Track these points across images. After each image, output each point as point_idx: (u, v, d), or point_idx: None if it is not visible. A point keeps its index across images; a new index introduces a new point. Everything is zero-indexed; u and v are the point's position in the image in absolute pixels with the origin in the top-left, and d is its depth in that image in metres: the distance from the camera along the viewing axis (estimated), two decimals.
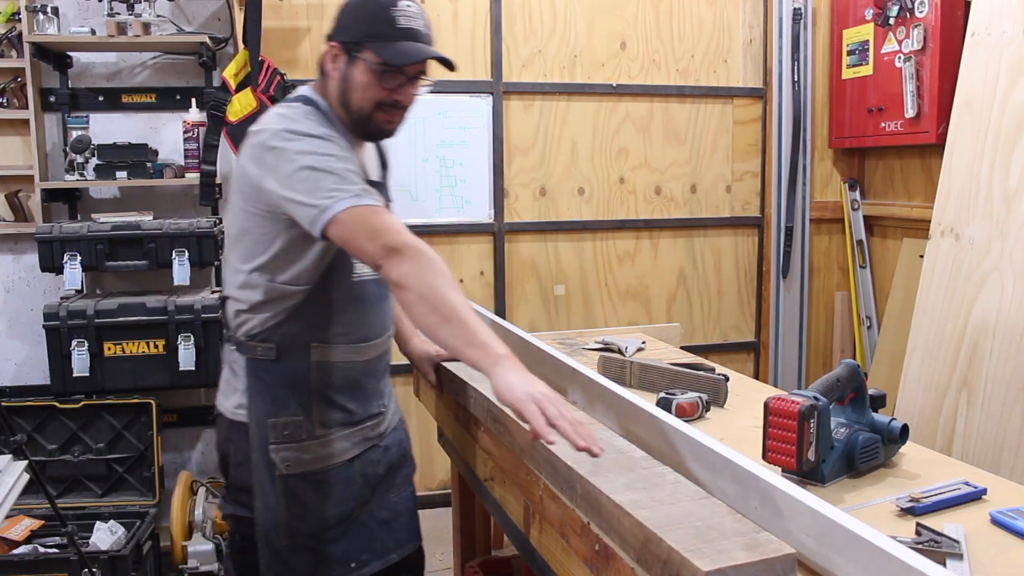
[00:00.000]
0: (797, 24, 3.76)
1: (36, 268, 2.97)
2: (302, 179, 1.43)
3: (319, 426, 1.61)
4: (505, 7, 3.50)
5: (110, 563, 2.53)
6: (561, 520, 1.34)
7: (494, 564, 2.44)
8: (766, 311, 3.93)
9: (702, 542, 0.99)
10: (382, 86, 1.55)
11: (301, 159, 1.44)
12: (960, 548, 1.14)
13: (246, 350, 1.62)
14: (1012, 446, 2.49)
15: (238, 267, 1.60)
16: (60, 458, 2.96)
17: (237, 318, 1.63)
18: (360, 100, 1.56)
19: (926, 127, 3.31)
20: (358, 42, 1.54)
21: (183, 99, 3.15)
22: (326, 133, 1.51)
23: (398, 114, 1.61)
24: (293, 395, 1.59)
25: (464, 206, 3.56)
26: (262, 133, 1.51)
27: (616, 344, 2.39)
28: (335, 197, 1.40)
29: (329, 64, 1.60)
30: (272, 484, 1.59)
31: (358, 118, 1.59)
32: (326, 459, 1.62)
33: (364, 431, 1.69)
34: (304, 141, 1.47)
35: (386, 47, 1.52)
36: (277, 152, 1.46)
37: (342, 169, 1.44)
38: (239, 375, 1.64)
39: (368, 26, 1.53)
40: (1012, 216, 2.63)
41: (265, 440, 1.59)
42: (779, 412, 1.35)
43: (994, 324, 2.62)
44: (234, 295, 1.62)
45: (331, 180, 1.42)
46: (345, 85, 1.57)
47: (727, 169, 3.86)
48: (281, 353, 1.59)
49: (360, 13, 1.55)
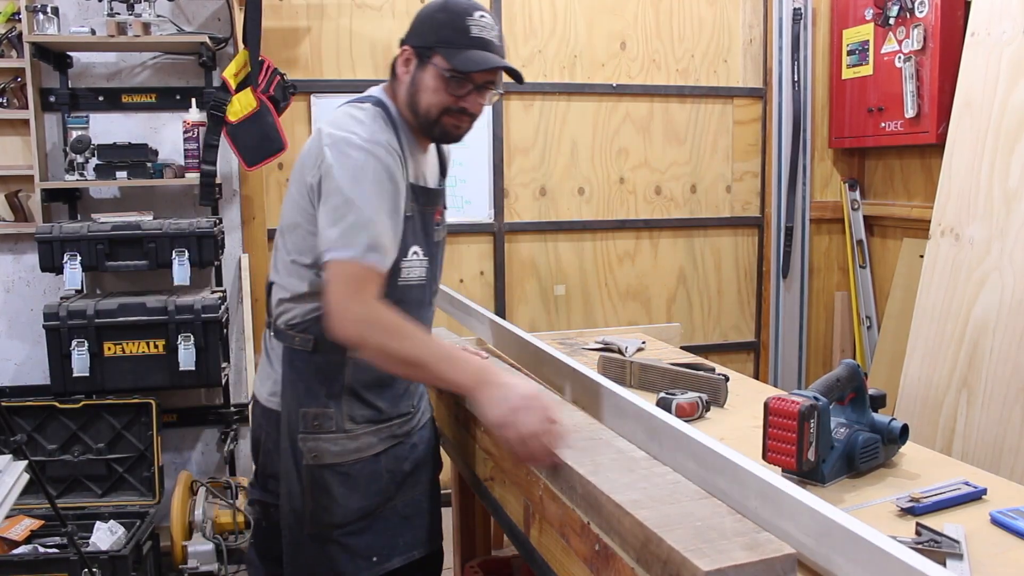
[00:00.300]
0: (797, 24, 3.76)
1: (36, 268, 2.97)
2: (333, 206, 1.48)
3: (348, 420, 1.64)
4: (505, 7, 3.50)
5: (110, 563, 2.53)
6: (561, 520, 1.34)
7: (494, 564, 2.44)
8: (766, 311, 3.93)
9: (702, 542, 0.99)
10: (450, 92, 1.58)
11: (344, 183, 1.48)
12: (960, 548, 1.14)
13: (284, 338, 1.65)
14: (1012, 446, 2.49)
15: (287, 256, 1.63)
16: (60, 458, 2.96)
17: (280, 306, 1.66)
18: (427, 104, 1.59)
19: (926, 127, 3.32)
20: (430, 47, 1.57)
21: (183, 99, 3.15)
22: (385, 152, 1.52)
23: (466, 120, 1.64)
24: (325, 387, 1.63)
25: (464, 206, 3.56)
26: (330, 136, 1.53)
27: (616, 344, 2.39)
28: (345, 242, 1.46)
29: (401, 67, 1.63)
30: (298, 473, 1.62)
31: (425, 121, 1.62)
32: (352, 453, 1.65)
33: (392, 428, 1.71)
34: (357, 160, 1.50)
35: (456, 54, 1.55)
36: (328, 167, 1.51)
37: (370, 216, 1.47)
38: (274, 363, 1.67)
39: (441, 33, 1.56)
40: (1012, 216, 2.63)
41: (295, 429, 1.62)
42: (779, 412, 1.35)
43: (994, 324, 2.62)
44: (280, 282, 1.66)
45: (352, 219, 1.46)
46: (414, 88, 1.60)
47: (727, 169, 3.86)
48: (318, 345, 1.62)
49: (435, 20, 1.58)
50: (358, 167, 1.49)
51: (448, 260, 3.51)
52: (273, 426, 1.67)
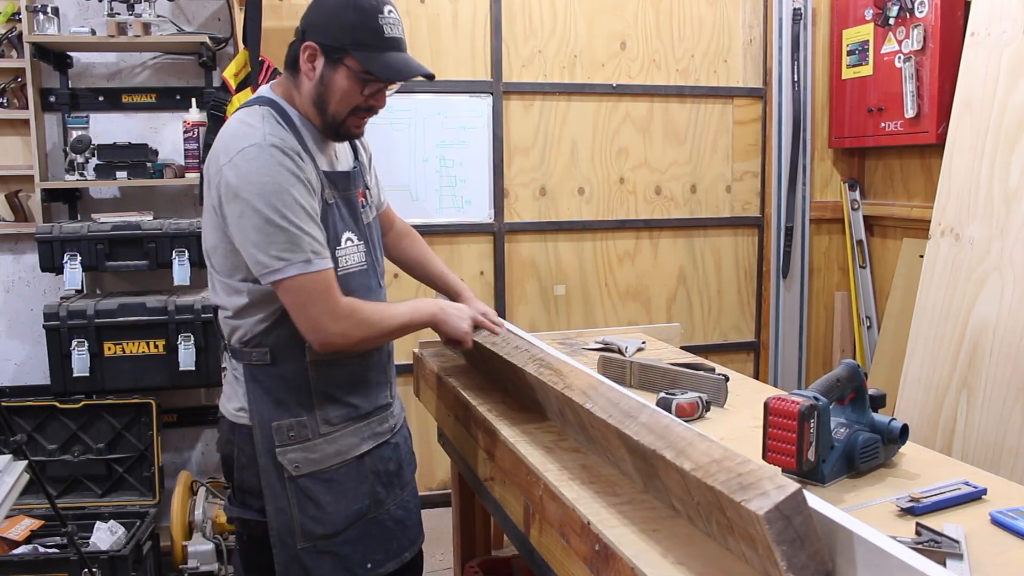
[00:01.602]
0: (797, 24, 3.76)
1: (36, 268, 2.98)
2: (255, 228, 1.47)
3: (324, 424, 1.62)
4: (505, 7, 3.50)
5: (110, 563, 2.53)
6: (561, 520, 1.34)
7: (494, 564, 2.44)
8: (766, 311, 3.93)
9: None
10: (362, 93, 1.57)
11: (257, 204, 1.46)
12: (960, 548, 1.14)
13: (242, 356, 1.62)
14: (1012, 446, 2.49)
15: (217, 276, 1.61)
16: (60, 458, 2.96)
17: (228, 326, 1.63)
18: (338, 105, 1.57)
19: (926, 127, 3.32)
20: (343, 48, 1.53)
21: (183, 99, 3.15)
22: (282, 153, 1.49)
23: (369, 117, 1.64)
24: (294, 396, 1.60)
25: (464, 206, 3.56)
26: (226, 153, 1.50)
27: (616, 344, 2.39)
28: (287, 260, 1.47)
29: (305, 64, 1.57)
30: (283, 487, 1.59)
31: (332, 122, 1.59)
32: (335, 456, 1.62)
33: (372, 425, 1.69)
34: (259, 173, 1.46)
35: (375, 58, 1.53)
36: (235, 191, 1.47)
37: (294, 225, 1.47)
38: (239, 380, 1.64)
39: (355, 35, 1.52)
40: (1012, 216, 2.63)
41: (271, 444, 1.59)
42: (779, 412, 1.35)
43: (994, 324, 2.62)
44: (221, 303, 1.62)
45: (282, 239, 1.46)
46: (323, 88, 1.56)
47: (727, 169, 3.86)
48: (276, 356, 1.60)
49: (346, 20, 1.52)
50: (263, 181, 1.46)
51: (448, 260, 3.54)
52: (245, 441, 1.63)
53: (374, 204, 1.80)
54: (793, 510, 0.93)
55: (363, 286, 1.66)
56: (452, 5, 3.45)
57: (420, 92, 3.42)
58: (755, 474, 0.98)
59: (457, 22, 3.47)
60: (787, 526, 0.93)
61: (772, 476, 0.96)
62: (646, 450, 1.17)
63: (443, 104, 3.46)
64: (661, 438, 1.16)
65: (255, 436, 1.60)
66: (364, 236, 1.69)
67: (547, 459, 1.50)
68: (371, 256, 1.71)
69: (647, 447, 1.16)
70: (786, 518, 0.93)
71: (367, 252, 1.69)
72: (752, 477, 0.98)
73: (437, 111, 3.46)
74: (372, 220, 1.75)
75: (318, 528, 1.61)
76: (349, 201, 1.66)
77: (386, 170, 3.43)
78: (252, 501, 1.64)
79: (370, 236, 1.72)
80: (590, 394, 1.40)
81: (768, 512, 0.91)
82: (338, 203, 1.62)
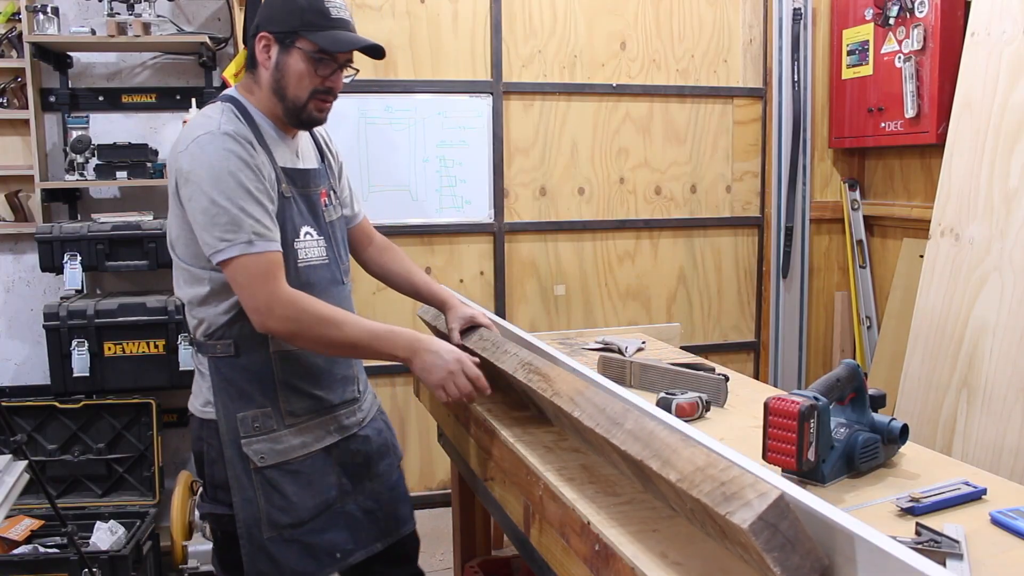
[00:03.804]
0: (797, 24, 3.76)
1: (36, 268, 2.98)
2: (202, 210, 1.53)
3: (288, 415, 1.65)
4: (505, 7, 3.50)
5: (110, 563, 2.53)
6: (561, 520, 1.34)
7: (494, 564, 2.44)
8: (766, 311, 3.93)
9: None
10: (318, 73, 1.63)
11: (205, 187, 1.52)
12: (960, 548, 1.14)
13: (206, 349, 1.65)
14: (1012, 446, 2.49)
15: (181, 264, 1.65)
16: (60, 458, 2.96)
17: (193, 318, 1.67)
18: (296, 88, 1.63)
19: (926, 127, 3.31)
20: (293, 31, 1.60)
21: (183, 99, 3.15)
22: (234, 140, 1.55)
23: (330, 101, 1.68)
24: (258, 388, 1.64)
25: (464, 206, 3.56)
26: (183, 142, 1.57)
27: (616, 344, 2.40)
28: (229, 241, 1.52)
29: (261, 54, 1.64)
30: (249, 478, 1.62)
31: (293, 107, 1.64)
32: (300, 448, 1.66)
33: (339, 419, 1.73)
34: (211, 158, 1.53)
35: (322, 36, 1.60)
36: (187, 175, 1.55)
37: (237, 207, 1.52)
38: (204, 375, 1.67)
39: (304, 16, 1.60)
40: (1012, 216, 2.63)
41: (236, 435, 1.62)
42: (779, 412, 1.35)
43: (994, 324, 2.62)
44: (184, 295, 1.66)
45: (224, 220, 1.52)
46: (280, 74, 1.63)
47: (727, 169, 3.86)
48: (239, 348, 1.63)
49: (294, 4, 1.60)
50: (212, 164, 1.53)
51: (448, 260, 3.54)
52: (212, 436, 1.66)
53: (339, 205, 1.84)
54: (778, 516, 0.92)
55: (325, 279, 1.70)
56: (452, 5, 3.45)
57: (420, 92, 3.42)
58: (737, 482, 0.97)
59: (457, 22, 3.47)
60: (774, 533, 0.92)
61: (754, 483, 0.95)
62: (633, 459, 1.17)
63: (443, 104, 3.46)
64: (647, 446, 1.15)
65: (221, 428, 1.63)
66: (325, 232, 1.73)
67: (547, 459, 1.50)
68: (332, 251, 1.75)
69: (634, 457, 1.16)
70: (772, 526, 0.92)
71: (328, 248, 1.73)
72: (735, 486, 0.97)
73: (437, 111, 3.46)
74: (336, 219, 1.80)
75: (284, 517, 1.63)
76: (308, 198, 1.71)
77: (386, 170, 3.45)
78: (223, 496, 1.67)
79: (332, 233, 1.76)
80: (577, 400, 1.39)
81: (752, 524, 0.91)
82: (296, 198, 1.67)
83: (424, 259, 3.50)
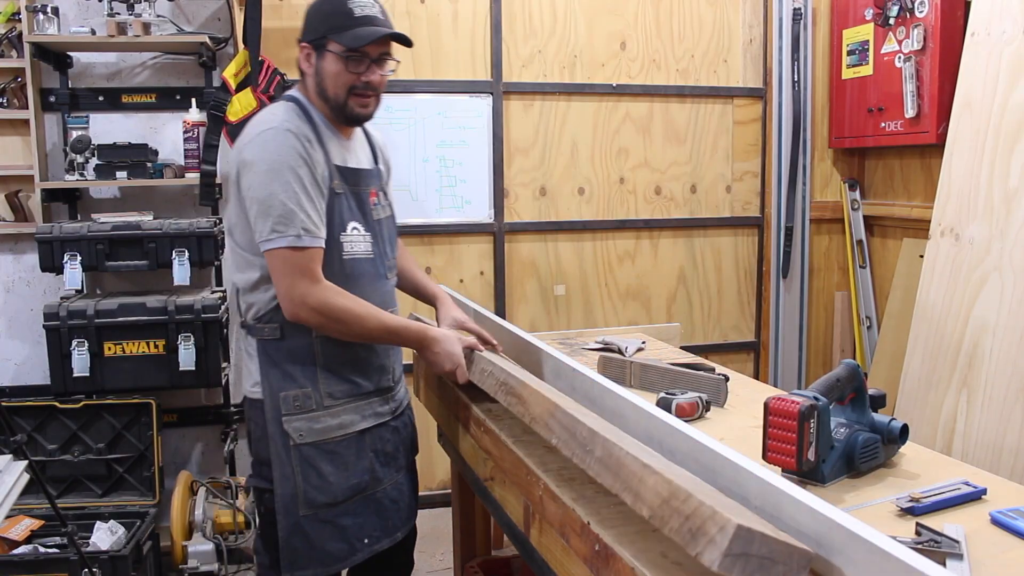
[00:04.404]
0: (797, 24, 3.76)
1: (36, 268, 2.97)
2: (259, 200, 1.65)
3: (327, 397, 1.75)
4: (505, 7, 3.50)
5: (110, 563, 2.53)
6: (561, 520, 1.34)
7: (494, 564, 2.44)
8: (766, 311, 3.93)
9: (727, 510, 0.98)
10: (350, 71, 1.72)
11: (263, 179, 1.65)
12: (960, 548, 1.14)
13: (255, 332, 1.76)
14: (1012, 446, 2.49)
15: (237, 249, 1.76)
16: (60, 458, 2.96)
17: (244, 302, 1.78)
18: (334, 88, 1.73)
19: (926, 127, 3.31)
20: (323, 36, 1.72)
21: (183, 99, 3.15)
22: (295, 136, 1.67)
23: (372, 97, 1.77)
24: (300, 369, 1.74)
25: (464, 206, 3.56)
26: (248, 135, 1.71)
27: (616, 344, 2.40)
28: (279, 232, 1.64)
29: (304, 64, 1.77)
30: (288, 455, 1.72)
31: (335, 106, 1.75)
32: (336, 429, 1.76)
33: (373, 405, 1.82)
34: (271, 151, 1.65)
35: (346, 34, 1.69)
36: (249, 165, 1.67)
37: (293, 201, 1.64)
38: (252, 357, 1.78)
39: (330, 21, 1.71)
40: (1012, 216, 2.63)
41: (279, 413, 1.72)
42: (779, 412, 1.35)
43: (994, 324, 2.62)
44: (238, 280, 1.78)
45: (278, 211, 1.63)
46: (319, 78, 1.75)
47: (727, 169, 3.86)
48: (285, 331, 1.74)
49: (322, 12, 1.74)
50: (273, 157, 1.65)
51: (448, 260, 3.54)
52: (259, 414, 1.76)
53: (388, 205, 1.94)
54: (745, 544, 0.92)
55: (368, 273, 1.80)
56: (452, 5, 3.45)
57: (420, 92, 3.42)
58: (699, 515, 0.96)
59: (457, 22, 3.47)
60: (747, 560, 0.92)
61: (712, 515, 0.94)
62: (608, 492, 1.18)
63: (443, 104, 3.46)
64: (616, 477, 1.15)
65: (266, 406, 1.74)
66: (372, 229, 1.82)
67: (547, 459, 1.50)
68: (378, 247, 1.84)
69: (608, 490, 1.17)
70: (742, 555, 0.92)
71: (374, 244, 1.82)
72: (697, 519, 0.96)
73: (437, 111, 3.46)
74: (384, 218, 1.89)
75: (320, 496, 1.73)
76: (358, 195, 1.81)
77: None
78: (266, 472, 1.77)
79: (379, 231, 1.85)
80: (551, 424, 1.39)
81: (721, 563, 0.91)
82: (346, 194, 1.77)
83: (424, 259, 3.50)
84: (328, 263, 1.71)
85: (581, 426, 1.29)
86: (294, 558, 1.73)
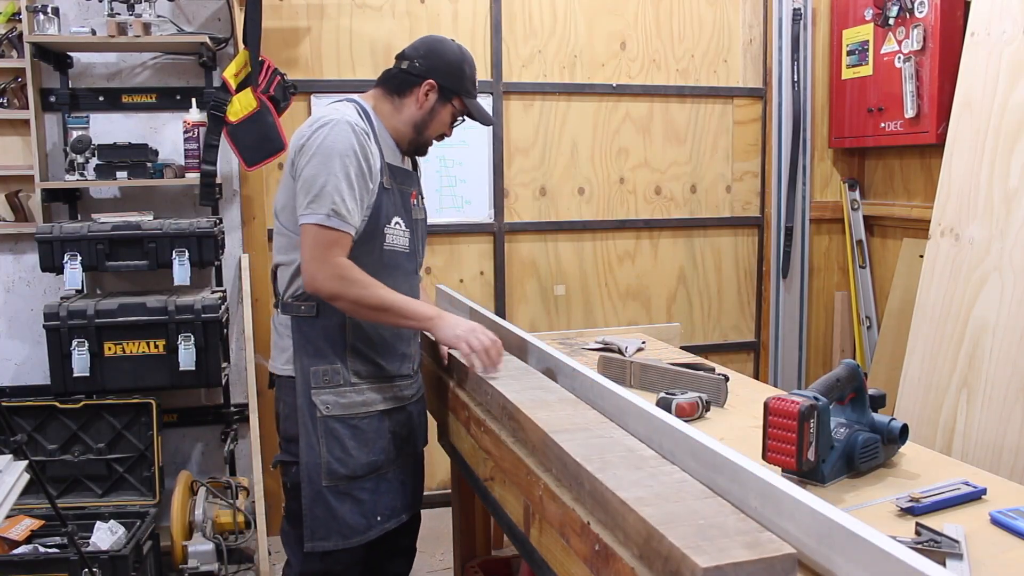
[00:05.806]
0: (797, 24, 3.77)
1: (36, 268, 2.97)
2: (307, 179, 1.79)
3: (353, 375, 1.90)
4: (505, 7, 3.50)
5: (110, 563, 2.53)
6: (561, 520, 1.34)
7: (494, 564, 2.44)
8: (766, 311, 3.93)
9: (703, 539, 0.99)
10: (452, 126, 2.01)
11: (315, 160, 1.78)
12: (960, 548, 1.14)
13: (291, 309, 1.90)
14: (1012, 446, 2.49)
15: (283, 231, 1.90)
16: (60, 458, 2.96)
17: (285, 281, 1.91)
18: (434, 131, 1.98)
19: (926, 127, 3.32)
20: (454, 91, 1.95)
21: (183, 99, 3.15)
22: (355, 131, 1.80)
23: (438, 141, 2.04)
24: (330, 347, 1.88)
25: (464, 206, 3.56)
26: (314, 120, 1.84)
27: (616, 344, 2.40)
28: (311, 209, 1.77)
29: (421, 96, 1.93)
30: (315, 426, 1.86)
31: (423, 142, 1.99)
32: (360, 406, 1.89)
33: (395, 389, 1.96)
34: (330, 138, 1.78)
35: (474, 105, 1.99)
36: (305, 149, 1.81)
37: (332, 185, 1.77)
38: (284, 335, 1.92)
39: (464, 83, 1.96)
40: (1012, 216, 2.63)
41: (308, 386, 1.87)
42: (779, 412, 1.35)
43: (994, 324, 2.62)
44: (283, 260, 1.91)
45: (316, 191, 1.77)
46: (429, 117, 1.95)
47: (727, 169, 3.86)
48: (320, 310, 1.88)
49: (459, 69, 1.95)
50: (329, 145, 1.78)
51: (448, 260, 3.54)
52: (288, 391, 1.90)
53: (422, 208, 2.09)
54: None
55: (403, 267, 1.95)
56: (452, 5, 3.45)
57: None
58: (675, 557, 0.98)
59: (457, 22, 3.47)
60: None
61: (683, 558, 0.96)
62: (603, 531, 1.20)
63: None
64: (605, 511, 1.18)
65: (297, 380, 1.87)
66: (411, 226, 1.98)
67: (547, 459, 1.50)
68: (413, 244, 1.99)
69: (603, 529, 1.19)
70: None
71: (411, 240, 1.97)
72: (675, 561, 0.98)
73: None
74: (420, 218, 2.05)
75: (341, 468, 1.86)
76: (403, 193, 1.97)
77: None
78: (293, 449, 1.90)
79: (415, 229, 2.01)
80: (547, 452, 1.42)
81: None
82: (394, 191, 1.92)
83: (424, 259, 3.50)
84: (368, 251, 1.85)
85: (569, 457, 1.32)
86: (315, 527, 1.85)
